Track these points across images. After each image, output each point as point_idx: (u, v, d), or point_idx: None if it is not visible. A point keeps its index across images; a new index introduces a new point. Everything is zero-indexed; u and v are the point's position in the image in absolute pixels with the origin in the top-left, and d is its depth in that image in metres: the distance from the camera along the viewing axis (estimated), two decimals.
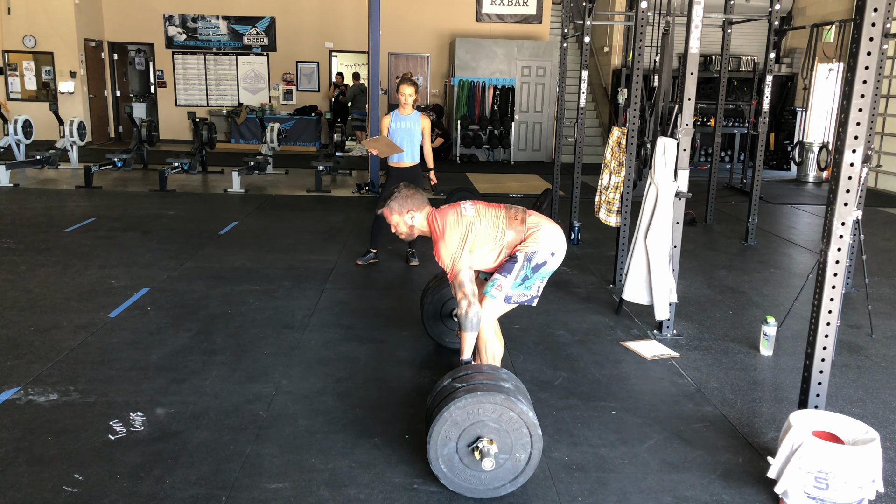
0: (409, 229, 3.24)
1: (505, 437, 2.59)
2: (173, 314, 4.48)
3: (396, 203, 3.19)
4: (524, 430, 2.58)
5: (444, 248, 3.09)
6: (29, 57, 13.81)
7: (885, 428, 3.26)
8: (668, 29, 4.77)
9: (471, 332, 3.04)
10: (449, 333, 4.01)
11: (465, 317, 3.02)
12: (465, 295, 3.02)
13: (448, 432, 2.57)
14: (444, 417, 2.56)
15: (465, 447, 2.59)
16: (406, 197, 3.19)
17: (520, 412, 2.57)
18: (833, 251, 2.78)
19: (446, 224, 3.13)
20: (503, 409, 2.57)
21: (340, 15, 14.69)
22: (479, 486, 2.62)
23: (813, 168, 11.77)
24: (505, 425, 2.58)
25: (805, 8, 13.12)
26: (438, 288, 3.96)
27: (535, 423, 2.59)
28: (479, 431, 2.58)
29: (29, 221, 7.08)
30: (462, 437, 2.59)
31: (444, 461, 2.59)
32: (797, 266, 6.33)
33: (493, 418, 2.57)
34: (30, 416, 3.11)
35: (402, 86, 5.47)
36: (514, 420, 2.57)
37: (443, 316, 4.00)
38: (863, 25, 2.60)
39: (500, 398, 2.57)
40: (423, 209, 3.22)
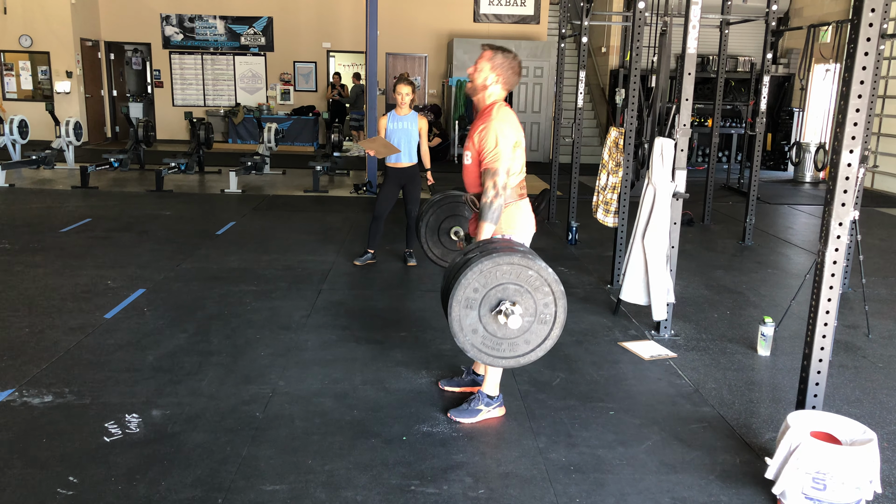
0: (483, 87, 3.09)
1: (527, 298, 2.47)
2: (170, 315, 4.47)
3: (502, 58, 3.05)
4: (546, 287, 2.47)
5: (495, 132, 2.96)
6: (25, 56, 13.77)
7: (883, 428, 3.25)
8: (665, 29, 4.77)
9: (489, 224, 2.95)
10: (449, 254, 3.93)
11: (488, 205, 2.93)
12: (495, 184, 2.93)
13: (469, 300, 2.44)
14: (463, 284, 2.42)
15: (488, 313, 2.47)
16: (511, 67, 3.06)
17: (539, 269, 2.47)
18: (830, 251, 2.78)
19: (509, 118, 3.03)
20: (522, 268, 2.45)
21: (338, 15, 14.68)
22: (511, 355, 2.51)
23: (810, 168, 11.78)
24: (526, 285, 2.46)
25: (802, 9, 13.13)
26: (436, 208, 3.86)
27: (555, 279, 2.48)
28: (501, 295, 2.46)
29: (25, 222, 7.05)
30: (483, 304, 2.47)
31: (469, 331, 2.47)
32: (794, 266, 6.33)
33: (513, 279, 2.45)
34: (24, 418, 3.09)
35: (400, 86, 5.46)
36: (533, 279, 2.46)
37: (440, 234, 3.90)
38: (860, 26, 2.60)
39: (517, 257, 2.47)
40: (507, 88, 3.10)
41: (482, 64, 3.07)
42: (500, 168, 2.95)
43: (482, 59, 3.09)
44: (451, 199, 3.94)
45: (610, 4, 13.70)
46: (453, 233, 3.87)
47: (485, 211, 2.94)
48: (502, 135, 2.97)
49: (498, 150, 2.96)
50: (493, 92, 3.09)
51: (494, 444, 3.04)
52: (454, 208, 3.86)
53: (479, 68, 3.08)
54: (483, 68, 3.07)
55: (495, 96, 3.09)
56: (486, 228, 2.95)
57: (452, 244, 3.92)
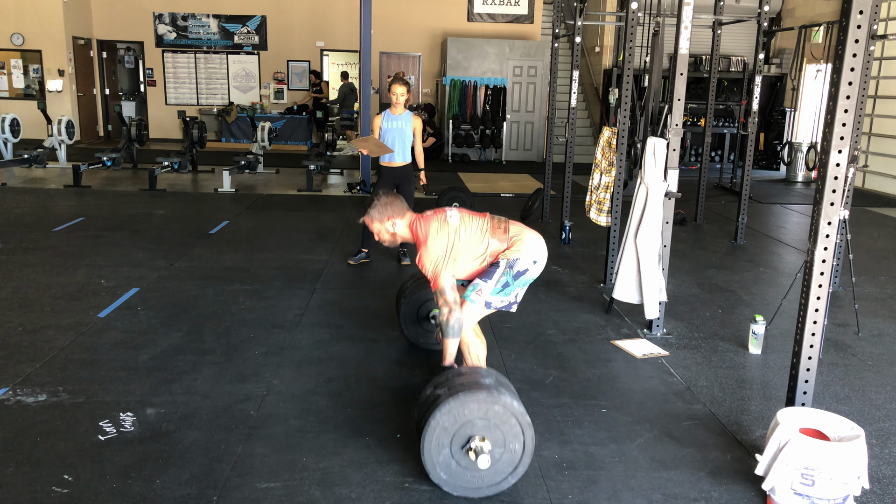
0: (392, 236, 3.23)
1: (496, 431, 2.60)
2: (163, 314, 4.47)
3: (376, 211, 3.19)
4: (513, 420, 2.60)
5: (427, 254, 3.09)
6: (17, 55, 13.70)
7: (871, 425, 3.29)
8: (658, 30, 4.79)
9: (453, 339, 3.06)
10: (426, 335, 3.99)
11: (446, 324, 3.03)
12: (446, 301, 3.03)
13: (440, 439, 2.59)
14: (432, 426, 2.57)
15: (459, 450, 2.60)
16: (385, 204, 3.18)
17: (504, 404, 2.59)
18: (820, 250, 2.81)
19: (429, 231, 3.13)
20: (487, 404, 2.58)
21: (332, 14, 14.67)
22: (481, 485, 2.63)
23: (802, 168, 11.85)
24: (493, 419, 2.59)
25: (794, 9, 13.20)
26: (415, 289, 3.94)
27: (521, 412, 2.60)
28: (470, 431, 2.59)
29: (17, 221, 7.03)
30: (454, 441, 2.60)
31: (442, 468, 2.60)
32: (786, 265, 6.37)
33: (480, 416, 2.58)
34: (19, 417, 3.10)
35: (394, 85, 5.47)
36: (500, 413, 2.59)
37: (419, 318, 3.98)
38: (848, 27, 2.63)
39: (483, 395, 2.58)
40: (404, 216, 3.20)
41: (376, 227, 3.22)
42: (444, 286, 3.05)
43: (371, 226, 3.23)
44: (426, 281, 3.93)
45: (603, 4, 13.73)
46: (431, 317, 3.91)
47: (444, 328, 3.05)
48: (430, 255, 3.08)
49: (435, 269, 3.07)
50: (400, 228, 3.21)
51: None
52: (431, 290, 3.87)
53: (377, 232, 3.24)
54: (379, 229, 3.22)
55: (405, 226, 3.21)
56: (451, 344, 3.07)
57: (430, 327, 3.96)
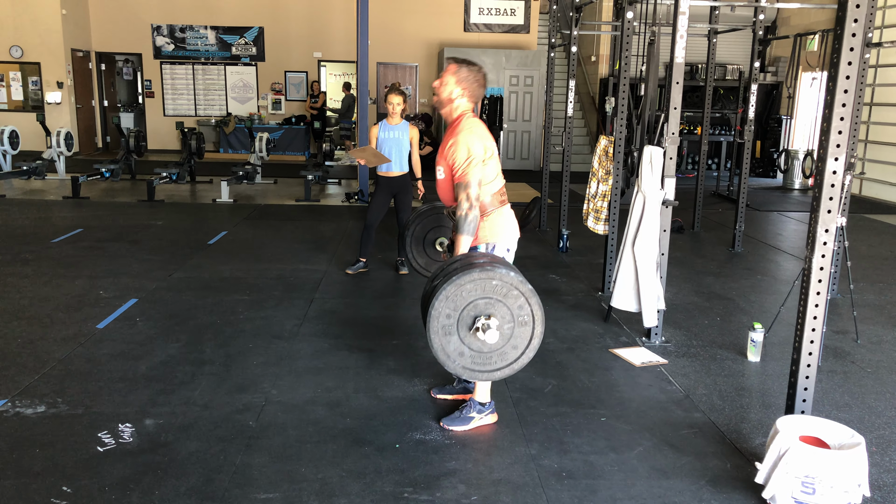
0: (448, 101, 3.12)
1: (499, 306, 2.51)
2: (162, 325, 4.46)
3: (467, 72, 3.09)
4: (514, 291, 2.52)
5: (462, 145, 3.00)
6: (16, 67, 13.74)
7: (871, 433, 3.29)
8: (653, 39, 4.82)
9: (467, 236, 3.00)
10: (434, 264, 3.99)
11: (464, 218, 2.98)
12: (468, 197, 2.98)
13: (446, 328, 2.48)
14: (433, 316, 2.47)
15: (468, 334, 2.50)
16: (475, 80, 3.10)
17: (500, 276, 2.51)
18: (817, 258, 2.82)
19: (477, 131, 3.06)
20: (483, 281, 2.50)
21: (329, 25, 14.73)
22: (502, 364, 2.54)
23: (798, 175, 11.89)
24: (494, 295, 2.50)
25: (789, 18, 13.28)
26: (420, 220, 3.91)
27: (520, 280, 2.52)
28: (474, 312, 2.50)
29: (15, 232, 7.03)
30: (461, 326, 2.50)
31: (457, 356, 2.50)
32: (784, 273, 6.38)
33: (480, 294, 2.50)
34: (17, 429, 3.09)
35: (391, 96, 5.50)
36: (499, 287, 2.51)
37: (426, 245, 3.97)
38: (843, 36, 2.65)
39: (476, 273, 2.51)
40: (473, 100, 3.13)
41: (447, 78, 3.12)
42: (471, 180, 3.00)
43: (447, 73, 3.13)
44: (436, 210, 3.98)
45: (599, 14, 13.80)
46: (438, 243, 3.92)
47: (460, 223, 3.00)
48: (472, 147, 3.01)
49: (468, 163, 3.00)
50: (459, 105, 3.13)
51: (487, 451, 3.06)
52: (439, 219, 3.91)
53: (444, 82, 3.13)
54: (448, 82, 3.11)
55: (462, 108, 3.14)
56: (464, 240, 3.01)
57: (437, 255, 3.97)
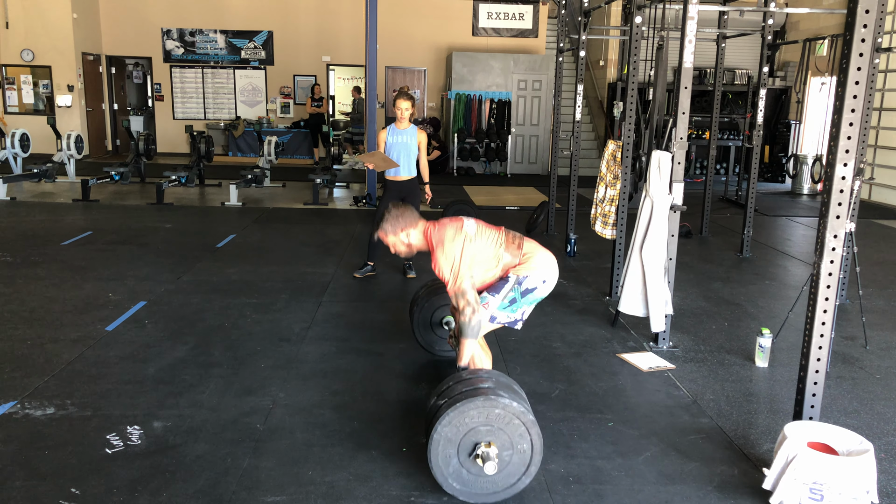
0: (408, 247, 3.24)
1: (500, 434, 2.58)
2: (170, 327, 4.48)
3: (389, 224, 3.19)
4: (515, 421, 2.58)
5: (444, 258, 3.08)
6: (27, 70, 13.84)
7: (880, 439, 3.27)
8: (662, 44, 4.82)
9: (471, 340, 3.04)
10: (439, 342, 4.01)
11: (467, 324, 3.02)
12: (468, 302, 3.02)
13: (445, 451, 2.59)
14: (435, 439, 2.58)
15: (467, 458, 2.59)
16: (397, 216, 3.19)
17: (504, 406, 2.57)
18: (826, 263, 2.81)
19: (444, 236, 3.13)
20: (487, 409, 2.56)
21: (338, 29, 14.78)
22: (496, 489, 2.62)
23: (807, 180, 11.83)
24: (496, 423, 2.57)
25: (798, 22, 13.24)
26: (428, 297, 3.96)
27: (522, 411, 2.58)
28: (474, 439, 2.58)
29: (26, 235, 7.08)
30: (461, 450, 2.60)
31: (454, 478, 2.60)
32: (792, 278, 6.36)
33: (482, 421, 2.57)
34: (27, 431, 3.11)
35: (399, 100, 5.51)
36: (501, 416, 2.57)
37: (433, 324, 4.00)
38: (852, 41, 2.65)
39: (480, 400, 2.57)
40: (417, 224, 3.21)
41: (390, 240, 3.24)
42: (464, 286, 3.05)
43: (385, 239, 3.24)
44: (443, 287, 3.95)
45: (608, 19, 13.80)
46: (444, 323, 3.93)
47: (464, 329, 3.05)
48: (447, 258, 3.08)
49: (454, 272, 3.07)
50: (414, 236, 3.22)
51: None
52: (446, 298, 3.89)
53: (392, 244, 3.25)
54: (394, 241, 3.24)
55: (418, 234, 3.22)
56: (468, 344, 3.06)
57: (443, 333, 3.99)
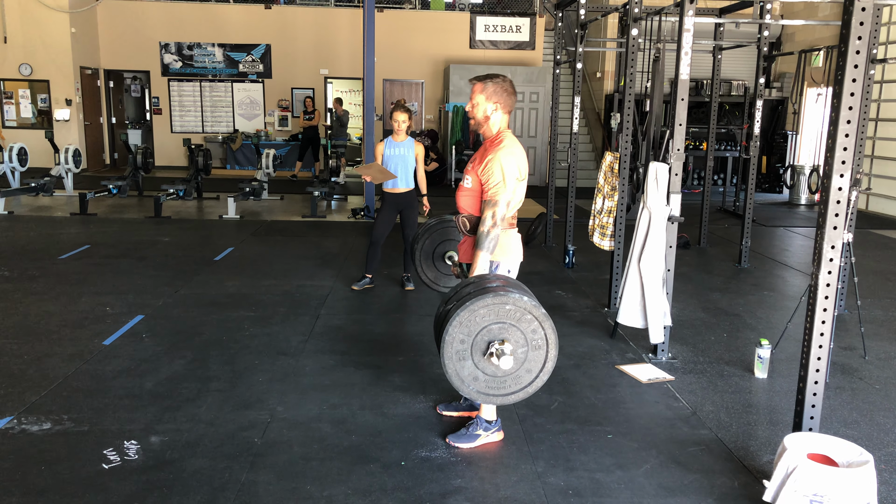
0: (484, 119, 3.13)
1: (513, 331, 2.51)
2: (168, 341, 4.47)
3: (493, 86, 3.09)
4: (527, 315, 2.52)
5: (499, 163, 3.01)
6: (25, 85, 13.88)
7: (880, 450, 3.26)
8: (658, 55, 4.85)
9: (485, 253, 3.01)
10: (443, 278, 3.97)
11: (486, 234, 2.99)
12: (494, 215, 2.99)
13: (460, 353, 2.48)
14: (447, 342, 2.47)
15: (482, 359, 2.50)
16: (504, 90, 3.10)
17: (514, 301, 2.51)
18: (824, 274, 2.81)
19: (515, 149, 3.06)
20: (497, 306, 2.50)
21: (335, 42, 14.84)
22: (517, 387, 2.54)
23: (805, 191, 11.87)
24: (508, 320, 2.50)
25: (794, 34, 13.32)
26: (429, 234, 3.90)
27: (534, 304, 2.52)
28: (487, 338, 2.50)
29: (23, 249, 7.07)
30: (475, 351, 2.50)
31: (471, 381, 2.50)
32: (791, 288, 6.36)
33: (493, 319, 2.49)
34: (23, 446, 3.09)
35: (396, 113, 5.53)
36: (512, 311, 2.51)
37: (435, 258, 3.95)
38: (847, 53, 2.66)
39: (489, 298, 2.50)
40: (507, 110, 3.13)
41: (477, 98, 3.13)
42: (500, 200, 3.01)
43: (475, 92, 3.14)
44: (445, 223, 3.98)
45: (604, 31, 13.88)
46: (447, 257, 3.92)
47: (482, 240, 3.00)
48: (507, 168, 3.02)
49: (501, 183, 3.02)
50: (496, 120, 3.14)
51: (493, 469, 3.04)
52: (449, 233, 3.91)
53: (475, 103, 3.14)
54: (479, 101, 3.12)
55: (499, 124, 3.15)
56: (483, 257, 3.01)
57: (447, 268, 3.97)
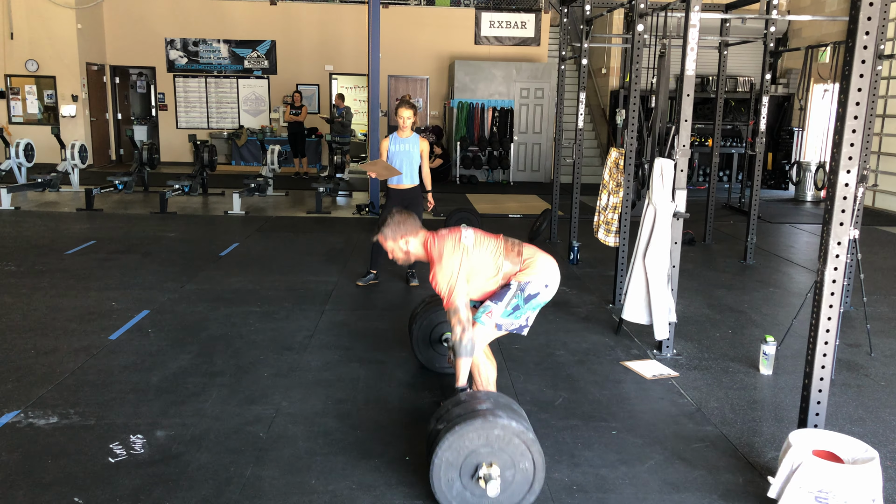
0: (405, 255, 3.24)
1: (501, 454, 2.58)
2: (174, 336, 4.49)
3: (389, 230, 3.20)
4: (515, 440, 2.58)
5: (441, 272, 3.08)
6: (31, 81, 13.92)
7: (885, 447, 3.25)
8: (664, 51, 4.83)
9: (465, 358, 3.05)
10: (439, 359, 3.99)
11: (459, 343, 3.02)
12: (459, 321, 3.02)
13: (447, 475, 2.58)
14: (436, 464, 2.57)
15: (470, 480, 2.59)
16: (399, 223, 3.19)
17: (503, 426, 2.57)
18: (829, 271, 2.80)
19: (444, 249, 3.13)
20: (486, 430, 2.57)
21: (340, 38, 14.84)
22: None
23: (811, 187, 11.83)
24: (496, 444, 2.58)
25: (800, 29, 13.26)
26: (426, 313, 3.94)
27: (521, 430, 2.58)
28: (475, 460, 2.58)
29: (30, 244, 7.10)
30: (463, 473, 2.59)
31: (458, 501, 2.60)
32: (796, 285, 6.34)
33: (482, 443, 2.57)
34: (30, 440, 3.11)
35: (401, 109, 5.52)
36: (501, 436, 2.57)
37: (432, 341, 3.98)
38: (854, 49, 2.65)
39: (479, 422, 2.58)
40: (417, 234, 3.21)
41: (388, 247, 3.24)
42: (458, 304, 3.04)
43: (384, 246, 3.24)
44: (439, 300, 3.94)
45: (610, 27, 13.84)
46: (444, 340, 3.92)
47: (457, 348, 3.04)
48: (445, 273, 3.08)
49: (450, 288, 3.06)
50: (413, 245, 3.22)
51: None
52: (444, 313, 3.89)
53: (392, 250, 3.24)
54: (393, 249, 3.23)
55: (418, 244, 3.22)
56: (463, 364, 3.06)
57: (443, 350, 3.97)
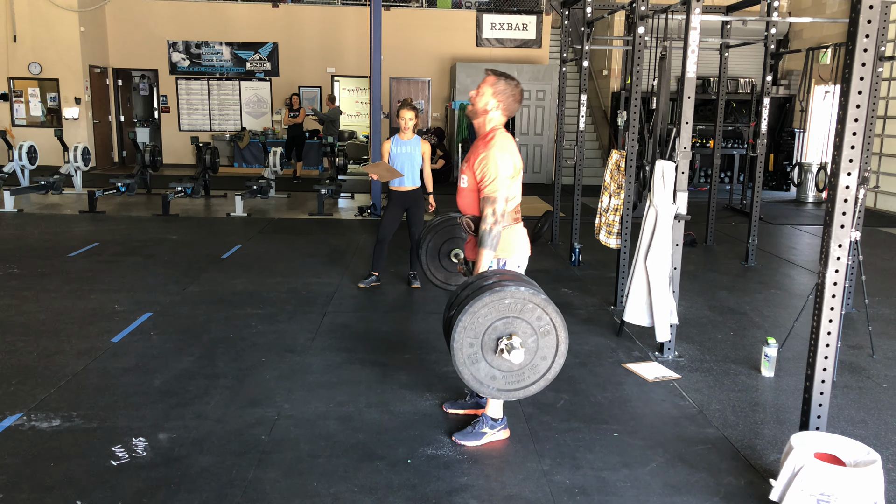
0: (483, 112, 3.11)
1: (519, 323, 2.52)
2: (176, 338, 4.50)
3: (504, 85, 3.08)
4: (529, 305, 2.51)
5: (493, 160, 2.99)
6: (34, 83, 13.95)
7: (888, 449, 3.25)
8: (665, 53, 4.83)
9: (489, 251, 3.00)
10: (452, 277, 3.99)
11: (488, 232, 2.98)
12: (494, 212, 2.98)
13: (471, 356, 2.49)
14: (456, 348, 2.48)
15: (494, 357, 2.50)
16: (512, 94, 3.09)
17: (511, 294, 2.51)
18: (831, 272, 2.80)
19: (508, 148, 3.05)
20: (497, 302, 2.50)
21: (342, 40, 14.86)
22: (536, 376, 2.54)
23: (812, 189, 11.82)
24: (510, 314, 2.50)
25: (801, 31, 13.26)
26: (432, 236, 3.92)
27: (531, 293, 2.52)
28: (494, 335, 2.50)
29: (33, 246, 7.12)
30: (485, 351, 2.51)
31: (489, 381, 2.50)
32: (798, 287, 6.34)
33: (496, 316, 2.50)
34: (32, 443, 3.11)
35: (402, 111, 5.53)
36: (513, 305, 2.51)
37: (441, 257, 3.96)
38: (854, 51, 2.65)
39: (486, 297, 2.51)
40: (507, 114, 3.12)
41: (484, 88, 3.11)
42: (499, 196, 3.00)
43: (485, 83, 3.12)
44: (450, 221, 3.99)
45: (611, 29, 13.85)
46: (453, 255, 3.92)
47: (484, 238, 3.00)
48: (502, 164, 3.01)
49: (497, 180, 3.00)
50: (493, 117, 3.13)
51: (499, 467, 3.05)
52: (453, 231, 3.92)
53: (481, 92, 3.12)
54: (485, 93, 3.11)
55: (495, 122, 3.14)
56: (486, 255, 3.01)
57: (453, 266, 3.98)
